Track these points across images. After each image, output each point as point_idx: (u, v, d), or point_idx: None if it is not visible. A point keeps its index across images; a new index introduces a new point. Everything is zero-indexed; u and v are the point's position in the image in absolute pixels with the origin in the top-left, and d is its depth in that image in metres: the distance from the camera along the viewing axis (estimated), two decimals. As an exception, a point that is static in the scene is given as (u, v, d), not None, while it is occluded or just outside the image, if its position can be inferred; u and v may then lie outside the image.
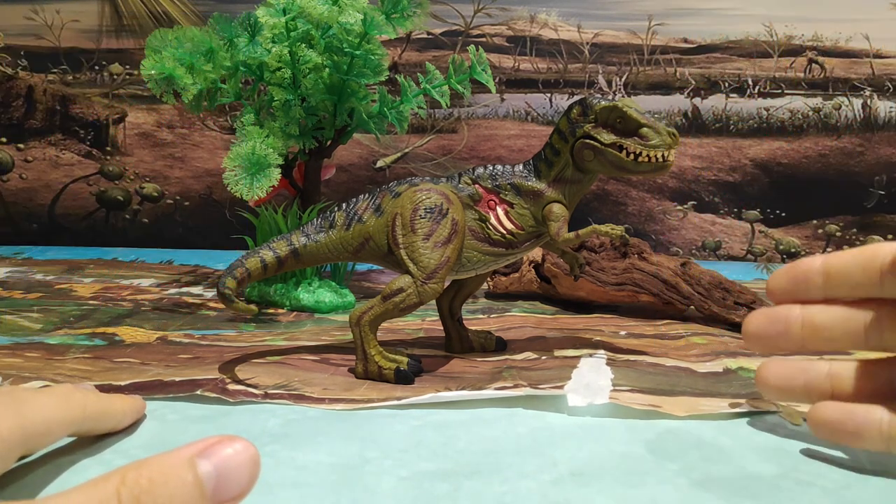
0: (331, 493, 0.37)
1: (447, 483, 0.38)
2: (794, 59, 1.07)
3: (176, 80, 0.72)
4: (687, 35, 1.08)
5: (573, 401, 0.49)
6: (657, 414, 0.47)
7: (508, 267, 0.81)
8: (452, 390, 0.50)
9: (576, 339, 0.65)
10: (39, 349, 0.60)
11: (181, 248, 1.13)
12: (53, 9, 1.12)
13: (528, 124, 1.10)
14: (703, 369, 0.57)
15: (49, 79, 1.13)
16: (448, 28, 1.09)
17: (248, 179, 0.69)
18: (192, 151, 1.13)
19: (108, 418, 0.42)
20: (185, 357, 0.59)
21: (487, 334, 0.62)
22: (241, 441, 0.28)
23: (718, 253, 1.09)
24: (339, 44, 0.72)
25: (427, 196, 0.54)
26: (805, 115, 1.07)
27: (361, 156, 1.11)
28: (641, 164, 0.53)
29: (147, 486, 0.26)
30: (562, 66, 1.09)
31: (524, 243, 0.56)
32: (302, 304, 0.74)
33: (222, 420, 0.46)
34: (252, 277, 0.54)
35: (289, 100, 0.73)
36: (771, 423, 0.46)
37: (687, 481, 0.38)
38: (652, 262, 0.74)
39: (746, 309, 0.68)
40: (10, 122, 1.14)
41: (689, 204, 1.09)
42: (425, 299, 0.52)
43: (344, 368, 0.56)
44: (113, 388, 0.51)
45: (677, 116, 1.09)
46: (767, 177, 1.08)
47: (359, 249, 0.55)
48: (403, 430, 0.45)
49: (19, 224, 1.15)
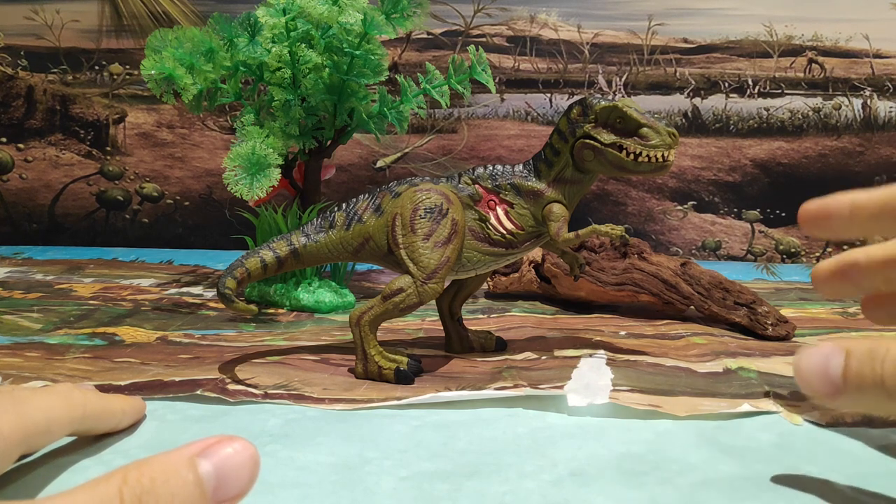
0: (331, 494, 0.37)
1: (447, 483, 0.38)
2: (794, 59, 1.07)
3: (176, 80, 0.72)
4: (687, 35, 1.08)
5: (573, 401, 0.49)
6: (657, 414, 0.47)
7: (508, 267, 0.81)
8: (452, 390, 0.50)
9: (576, 339, 0.65)
10: (39, 349, 0.60)
11: (181, 248, 1.13)
12: (53, 9, 1.12)
13: (528, 124, 1.10)
14: (703, 369, 0.57)
15: (49, 79, 1.13)
16: (448, 28, 1.09)
17: (248, 179, 0.69)
18: (192, 151, 1.13)
19: (108, 418, 0.42)
20: (185, 357, 0.59)
21: (487, 334, 0.62)
22: (240, 441, 0.28)
23: (718, 253, 1.09)
24: (339, 44, 0.72)
25: (427, 196, 0.54)
26: (805, 115, 1.07)
27: (361, 156, 1.11)
28: (641, 164, 0.53)
29: (149, 486, 0.26)
30: (562, 66, 1.09)
31: (524, 243, 0.56)
32: (302, 304, 0.74)
33: (222, 420, 0.46)
34: (252, 277, 0.54)
35: (289, 100, 0.73)
36: (771, 423, 0.46)
37: (687, 481, 0.38)
38: (652, 262, 0.74)
39: (746, 309, 0.68)
40: (10, 122, 1.14)
41: (689, 204, 1.09)
42: (425, 299, 0.52)
43: (344, 368, 0.56)
44: (113, 388, 0.51)
45: (677, 116, 1.09)
46: (767, 177, 1.08)
47: (359, 249, 0.55)
48: (403, 431, 0.45)
49: (19, 224, 1.15)
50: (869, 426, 0.46)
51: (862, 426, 0.46)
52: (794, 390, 0.52)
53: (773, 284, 0.92)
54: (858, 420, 0.47)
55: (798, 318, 0.72)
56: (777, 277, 0.96)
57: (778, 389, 0.52)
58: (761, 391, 0.51)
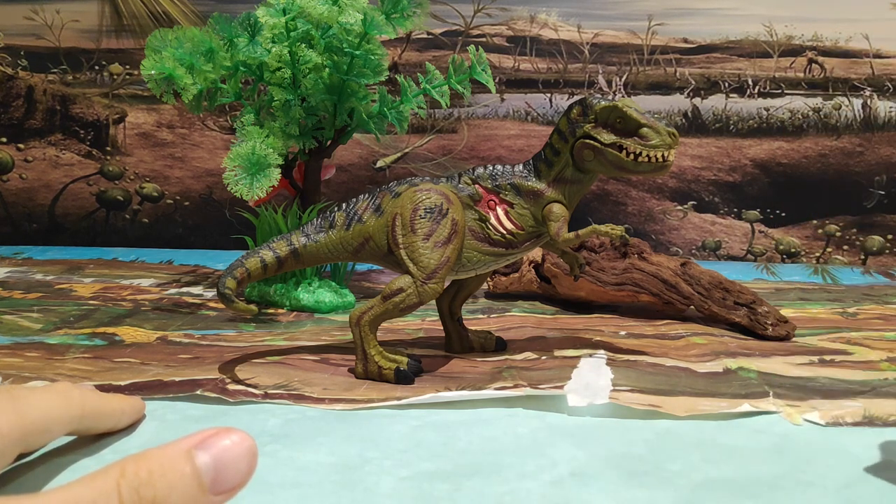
0: (331, 494, 0.37)
1: (447, 483, 0.38)
2: (794, 59, 1.07)
3: (176, 80, 0.72)
4: (687, 35, 1.08)
5: (573, 401, 0.49)
6: (657, 414, 0.47)
7: (508, 267, 0.81)
8: (452, 390, 0.50)
9: (576, 339, 0.65)
10: (39, 349, 0.60)
11: (181, 248, 1.13)
12: (53, 9, 1.12)
13: (528, 124, 1.10)
14: (703, 369, 0.57)
15: (49, 79, 1.13)
16: (448, 28, 1.09)
17: (248, 179, 0.69)
18: (192, 151, 1.13)
19: (107, 417, 0.42)
20: (185, 357, 0.59)
21: (487, 334, 0.62)
22: (238, 433, 0.28)
23: (718, 253, 1.09)
24: (339, 44, 0.72)
25: (427, 196, 0.54)
26: (805, 115, 1.07)
27: (361, 156, 1.11)
28: (641, 164, 0.53)
29: (146, 478, 0.26)
30: (562, 66, 1.09)
31: (524, 243, 0.56)
32: (302, 304, 0.74)
33: (222, 420, 0.46)
34: (252, 277, 0.54)
35: (289, 100, 0.73)
36: (771, 423, 0.46)
37: (687, 481, 0.38)
38: (652, 262, 0.74)
39: (746, 309, 0.68)
40: (10, 122, 1.14)
41: (689, 204, 1.09)
42: (425, 299, 0.52)
43: (344, 368, 0.56)
44: (113, 388, 0.51)
45: (677, 116, 1.09)
46: (767, 177, 1.08)
47: (359, 249, 0.55)
48: (403, 431, 0.44)
49: (19, 224, 1.15)
50: (869, 426, 0.46)
51: (862, 426, 0.46)
52: (794, 390, 0.52)
53: (773, 284, 0.92)
54: (858, 420, 0.47)
55: (798, 318, 0.72)
56: (777, 277, 0.96)
57: (778, 389, 0.52)
58: (761, 391, 0.51)
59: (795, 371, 0.56)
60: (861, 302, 0.81)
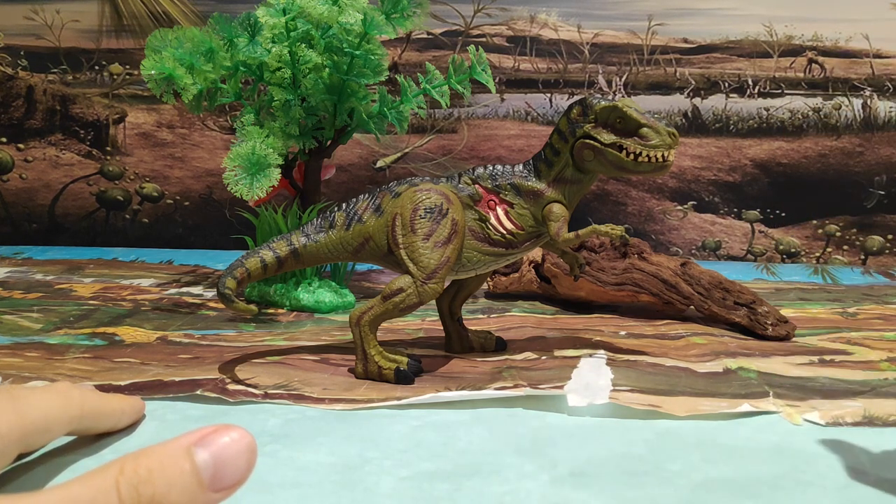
0: (331, 494, 0.37)
1: (447, 483, 0.38)
2: (794, 59, 1.07)
3: (176, 80, 0.72)
4: (687, 35, 1.08)
5: (573, 401, 0.49)
6: (657, 414, 0.47)
7: (508, 267, 0.81)
8: (452, 390, 0.50)
9: (576, 339, 0.65)
10: (39, 349, 0.60)
11: (181, 248, 1.13)
12: (53, 9, 1.12)
13: (528, 124, 1.10)
14: (703, 369, 0.57)
15: (49, 79, 1.13)
16: (448, 28, 1.09)
17: (248, 179, 0.69)
18: (192, 151, 1.13)
19: (107, 417, 0.42)
20: (185, 357, 0.59)
21: (487, 334, 0.62)
22: (237, 430, 0.28)
23: (718, 253, 1.09)
24: (339, 44, 0.72)
25: (427, 196, 0.54)
26: (805, 115, 1.07)
27: (361, 156, 1.11)
28: (641, 164, 0.53)
29: (145, 476, 0.26)
30: (562, 66, 1.09)
31: (524, 243, 0.56)
32: (302, 304, 0.74)
33: (222, 420, 0.46)
34: (252, 277, 0.54)
35: (289, 100, 0.73)
36: (771, 423, 0.46)
37: (687, 481, 0.38)
38: (652, 262, 0.74)
39: (746, 309, 0.68)
40: (10, 122, 1.14)
41: (689, 204, 1.09)
42: (425, 299, 0.52)
43: (344, 368, 0.56)
44: (113, 388, 0.51)
45: (677, 116, 1.09)
46: (767, 177, 1.08)
47: (359, 249, 0.55)
48: (403, 431, 0.44)
49: (19, 224, 1.15)
50: (869, 426, 0.46)
51: (862, 426, 0.46)
52: (794, 390, 0.52)
53: (773, 284, 0.92)
54: (858, 420, 0.47)
55: (798, 318, 0.72)
56: (777, 277, 0.96)
57: (778, 389, 0.52)
58: (761, 391, 0.51)
59: (795, 371, 0.56)
60: (861, 302, 0.81)
